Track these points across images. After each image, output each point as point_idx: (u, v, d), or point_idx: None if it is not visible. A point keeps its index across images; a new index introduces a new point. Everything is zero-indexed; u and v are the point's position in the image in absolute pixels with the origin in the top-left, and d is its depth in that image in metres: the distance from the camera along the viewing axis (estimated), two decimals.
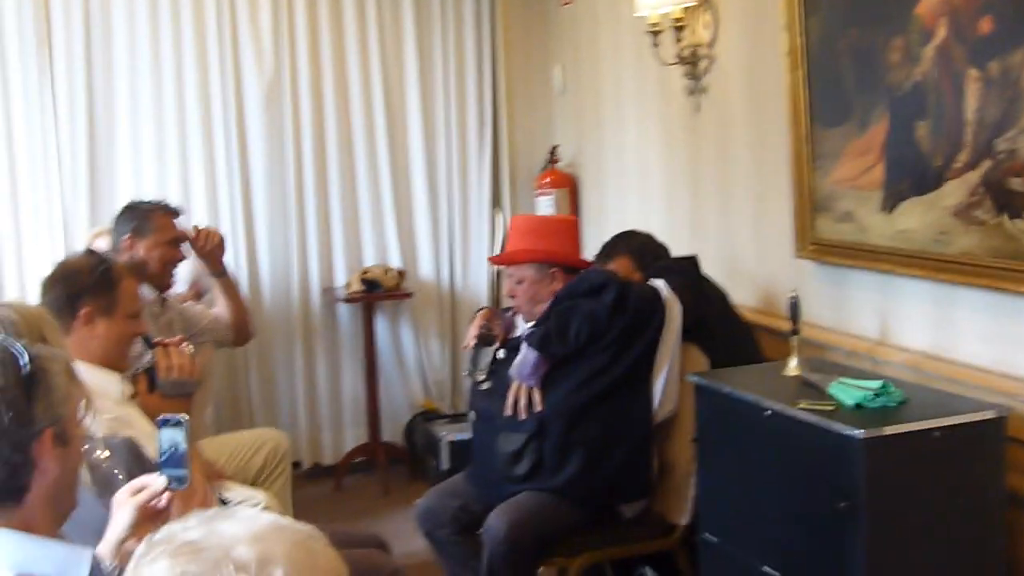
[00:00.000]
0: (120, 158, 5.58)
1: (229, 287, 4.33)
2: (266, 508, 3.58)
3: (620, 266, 3.86)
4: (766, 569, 3.04)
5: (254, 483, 4.02)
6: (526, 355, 3.48)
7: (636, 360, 3.53)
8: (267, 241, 5.83)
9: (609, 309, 3.45)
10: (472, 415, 3.81)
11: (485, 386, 3.72)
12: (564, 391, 3.49)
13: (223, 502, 3.10)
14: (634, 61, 5.02)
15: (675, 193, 4.82)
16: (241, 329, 4.43)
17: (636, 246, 3.92)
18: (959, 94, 3.02)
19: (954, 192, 3.09)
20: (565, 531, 3.52)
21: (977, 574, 2.83)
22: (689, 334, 3.63)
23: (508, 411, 3.51)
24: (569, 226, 3.75)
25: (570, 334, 3.45)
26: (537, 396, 3.47)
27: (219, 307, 4.37)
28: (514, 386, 3.50)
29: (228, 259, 5.54)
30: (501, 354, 3.74)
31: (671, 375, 3.58)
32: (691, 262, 3.84)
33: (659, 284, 3.60)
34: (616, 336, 3.49)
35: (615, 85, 5.38)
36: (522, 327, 3.80)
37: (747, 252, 4.32)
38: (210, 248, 4.22)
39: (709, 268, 4.03)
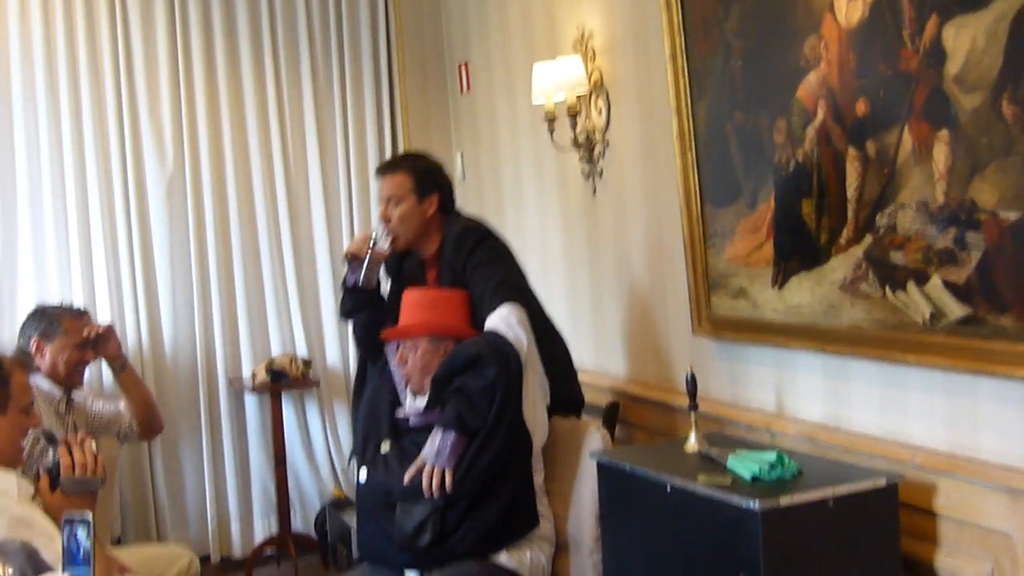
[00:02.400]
0: (22, 254, 5.54)
1: (130, 380, 4.30)
2: None
3: (399, 182, 3.91)
4: None
5: None
6: (444, 438, 3.47)
7: (515, 411, 3.56)
8: (172, 333, 5.80)
9: (497, 381, 3.48)
10: (360, 486, 3.78)
11: (363, 477, 3.72)
12: (465, 466, 3.50)
13: None
14: (532, 147, 5.13)
15: (576, 273, 4.90)
16: (148, 422, 4.39)
17: (416, 166, 3.99)
18: (840, 172, 3.14)
19: (840, 267, 3.19)
20: None
21: None
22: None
23: (417, 484, 3.50)
24: (460, 299, 3.78)
25: (482, 408, 3.46)
26: (449, 477, 3.47)
27: (123, 401, 4.33)
28: (427, 468, 3.49)
29: (133, 352, 5.56)
30: (386, 447, 3.74)
31: (537, 404, 3.63)
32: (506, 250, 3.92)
33: (506, 316, 3.61)
34: (501, 402, 3.53)
35: (515, 170, 5.48)
36: (408, 402, 3.80)
37: (648, 330, 4.39)
38: (97, 341, 4.19)
39: (608, 345, 4.10)
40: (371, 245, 3.85)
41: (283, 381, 5.72)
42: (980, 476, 2.77)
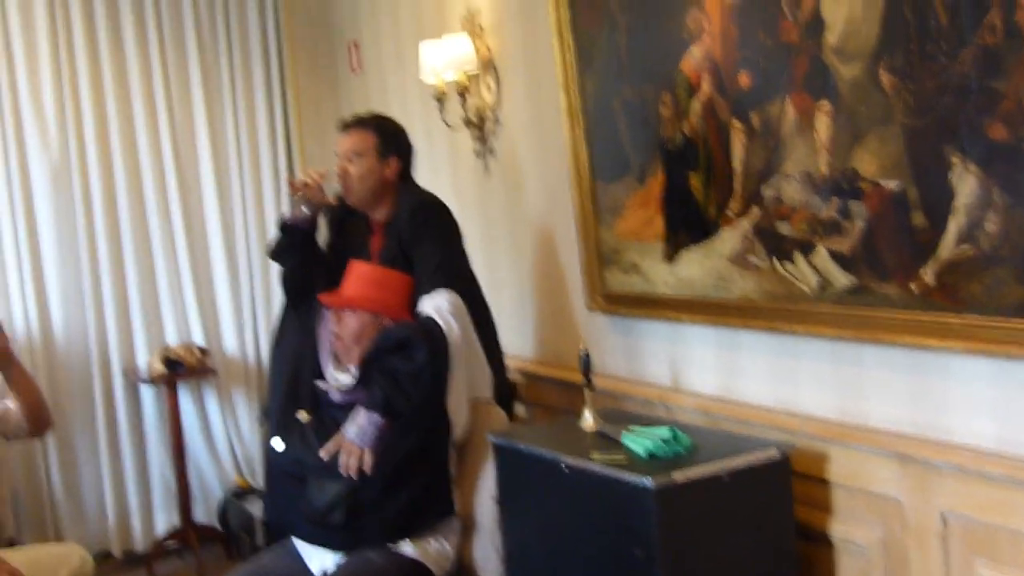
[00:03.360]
0: None
1: (18, 376, 4.14)
2: None
3: (364, 138, 3.87)
4: None
5: None
6: (370, 419, 3.42)
7: (439, 398, 3.52)
8: (63, 324, 5.64)
9: (426, 366, 3.44)
10: (272, 453, 3.72)
11: (278, 446, 3.66)
12: (384, 448, 3.45)
13: None
14: (423, 126, 5.07)
15: (470, 252, 4.81)
16: (37, 418, 4.24)
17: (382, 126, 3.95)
18: (726, 144, 3.14)
19: (729, 239, 3.20)
20: None
21: None
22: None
23: (333, 460, 3.45)
24: (406, 284, 3.73)
25: (409, 393, 3.42)
26: (368, 459, 3.42)
27: (10, 399, 4.20)
28: (347, 446, 3.44)
29: (22, 345, 5.41)
30: (303, 417, 3.68)
31: (461, 395, 3.59)
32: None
33: (440, 303, 3.57)
34: (427, 388, 3.48)
35: None
36: (330, 373, 3.74)
37: (542, 308, 4.38)
38: None
39: (506, 324, 4.07)
40: (319, 184, 3.80)
41: (180, 371, 5.62)
42: (869, 443, 2.80)
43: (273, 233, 5.43)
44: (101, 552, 5.67)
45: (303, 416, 3.68)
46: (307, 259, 3.92)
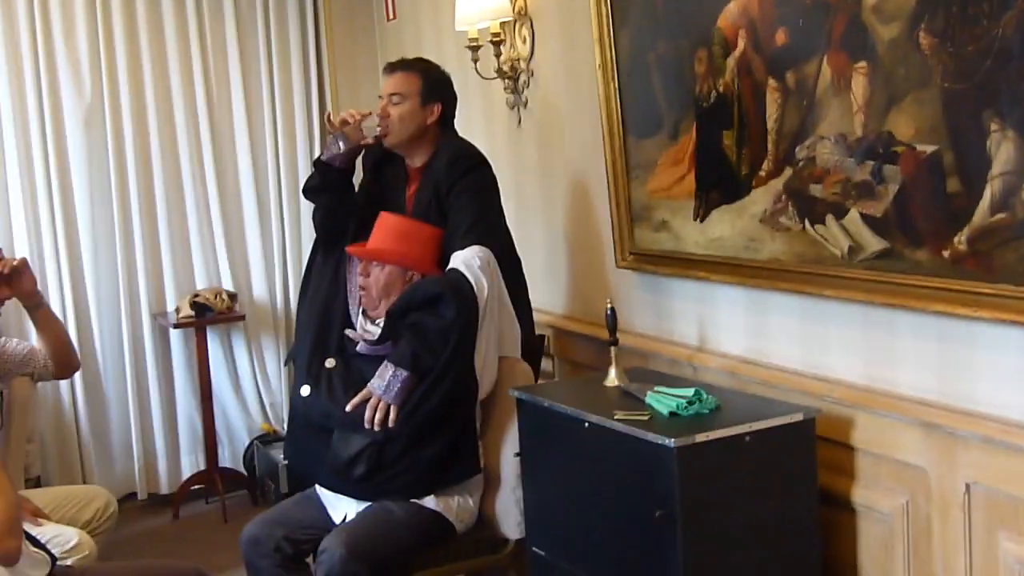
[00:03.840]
0: None
1: (45, 318, 4.17)
2: (78, 544, 3.50)
3: (409, 80, 3.84)
4: None
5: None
6: (396, 374, 3.42)
7: (467, 356, 3.51)
8: (93, 268, 5.67)
9: (455, 323, 3.43)
10: (298, 400, 3.74)
11: (305, 392, 3.66)
12: (410, 405, 3.45)
13: (32, 540, 2.99)
14: (458, 76, 4.96)
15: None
16: (63, 361, 4.27)
17: (428, 71, 3.93)
18: (760, 104, 3.09)
19: (760, 200, 3.16)
20: (402, 553, 3.48)
21: (794, 572, 2.89)
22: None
23: (362, 415, 3.46)
24: (436, 237, 3.71)
25: (438, 350, 3.42)
26: (394, 414, 3.42)
27: (36, 340, 4.23)
28: (373, 400, 3.44)
29: (53, 287, 5.44)
30: (331, 364, 3.68)
31: (489, 354, 3.58)
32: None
33: (471, 259, 3.55)
34: (455, 345, 3.48)
35: None
36: (359, 323, 3.74)
37: (572, 263, 4.36)
38: (11, 277, 4.01)
39: (536, 279, 4.05)
40: (358, 122, 3.79)
41: (208, 315, 5.63)
42: (896, 410, 2.77)
43: (304, 179, 5.45)
44: (126, 493, 5.73)
45: (330, 363, 3.68)
46: (341, 200, 3.91)
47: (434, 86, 3.87)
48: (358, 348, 3.65)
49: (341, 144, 3.80)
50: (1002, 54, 2.34)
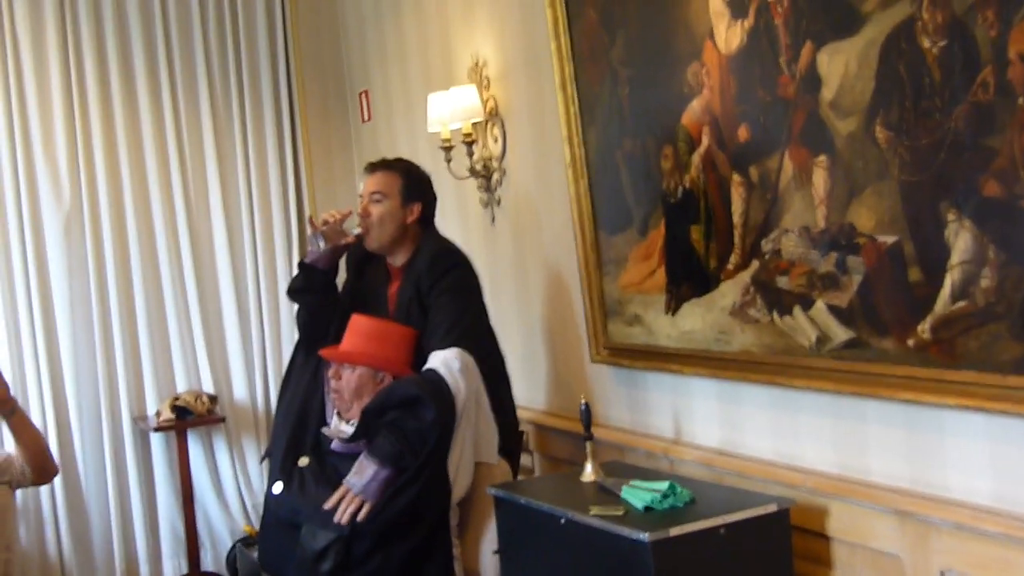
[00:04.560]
0: None
1: (20, 424, 4.17)
2: None
3: (389, 180, 3.88)
4: None
5: None
6: (377, 471, 3.41)
7: (442, 459, 3.51)
8: (73, 372, 5.65)
9: (434, 426, 3.44)
10: (271, 497, 3.73)
11: (277, 489, 3.66)
12: (380, 503, 3.44)
13: None
14: (432, 175, 5.08)
15: None
16: (40, 466, 4.27)
17: (409, 171, 3.97)
18: (726, 198, 3.15)
19: (729, 292, 3.20)
20: None
21: None
22: None
23: (331, 510, 3.45)
24: (408, 337, 3.73)
25: (417, 450, 3.41)
26: (366, 509, 3.41)
27: (14, 447, 4.22)
28: (348, 495, 3.43)
29: (32, 391, 5.44)
30: (304, 462, 3.69)
31: (464, 456, 3.57)
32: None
33: (451, 361, 3.55)
34: (433, 448, 3.47)
35: None
36: (333, 423, 3.74)
37: (550, 358, 4.38)
38: None
39: (515, 375, 4.06)
40: (339, 221, 3.84)
41: (188, 418, 5.62)
42: (869, 498, 2.78)
43: (284, 283, 5.48)
44: None
45: (303, 461, 3.69)
46: (324, 300, 3.94)
47: (414, 185, 3.92)
48: (332, 446, 3.66)
49: (321, 244, 3.84)
50: (955, 146, 2.40)
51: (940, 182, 2.45)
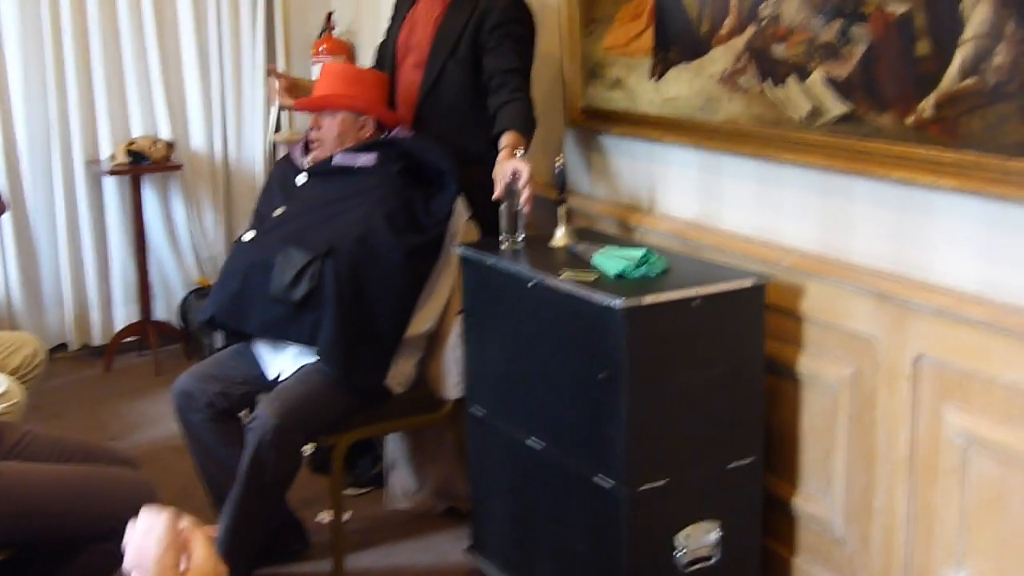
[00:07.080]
0: None
1: None
2: (7, 391, 3.39)
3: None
4: (530, 441, 3.01)
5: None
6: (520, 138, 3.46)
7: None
8: (24, 112, 5.40)
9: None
10: (240, 244, 3.62)
11: (247, 238, 3.56)
12: (363, 213, 3.37)
13: None
14: None
15: None
16: None
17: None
18: None
19: (720, 59, 3.05)
20: (337, 417, 3.40)
21: (737, 440, 2.85)
22: None
23: (300, 234, 3.38)
24: (382, 80, 3.60)
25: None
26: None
27: None
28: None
29: None
30: (302, 179, 3.59)
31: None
32: None
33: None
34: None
35: None
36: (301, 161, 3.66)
37: None
38: None
39: None
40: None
41: (143, 164, 5.45)
42: (848, 278, 2.72)
43: (247, 26, 5.26)
44: (58, 344, 5.62)
45: (278, 212, 3.57)
46: None
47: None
48: (334, 160, 3.56)
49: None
50: None
51: None
